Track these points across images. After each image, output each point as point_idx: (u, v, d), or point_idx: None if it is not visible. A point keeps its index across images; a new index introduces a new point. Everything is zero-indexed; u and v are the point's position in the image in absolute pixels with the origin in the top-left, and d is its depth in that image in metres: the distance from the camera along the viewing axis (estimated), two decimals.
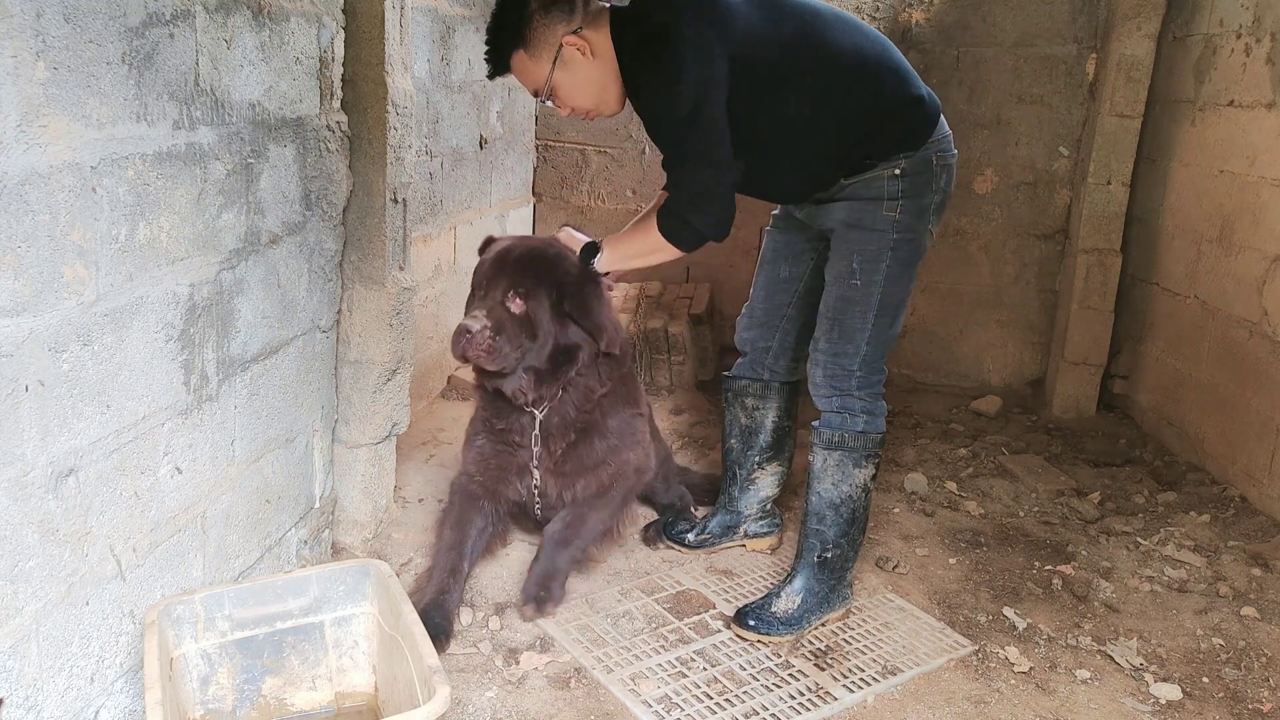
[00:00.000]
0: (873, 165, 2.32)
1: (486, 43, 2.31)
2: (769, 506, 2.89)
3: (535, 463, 2.61)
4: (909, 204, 2.34)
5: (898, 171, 2.32)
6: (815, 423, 2.50)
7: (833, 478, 2.46)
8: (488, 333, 2.41)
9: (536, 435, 2.59)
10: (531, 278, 2.47)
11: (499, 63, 2.31)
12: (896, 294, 2.39)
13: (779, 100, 2.25)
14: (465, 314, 2.52)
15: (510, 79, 2.36)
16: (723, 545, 2.88)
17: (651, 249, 2.38)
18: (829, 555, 2.49)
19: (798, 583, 2.49)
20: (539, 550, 2.63)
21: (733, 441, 2.84)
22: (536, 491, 2.66)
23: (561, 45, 2.24)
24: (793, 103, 2.26)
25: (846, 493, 2.46)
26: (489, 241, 2.65)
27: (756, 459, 2.82)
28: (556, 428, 2.60)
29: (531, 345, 2.48)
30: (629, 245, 2.46)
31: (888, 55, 2.34)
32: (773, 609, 2.46)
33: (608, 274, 2.53)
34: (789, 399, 2.76)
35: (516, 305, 2.46)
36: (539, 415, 2.57)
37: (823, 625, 2.52)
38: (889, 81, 2.31)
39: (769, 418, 2.78)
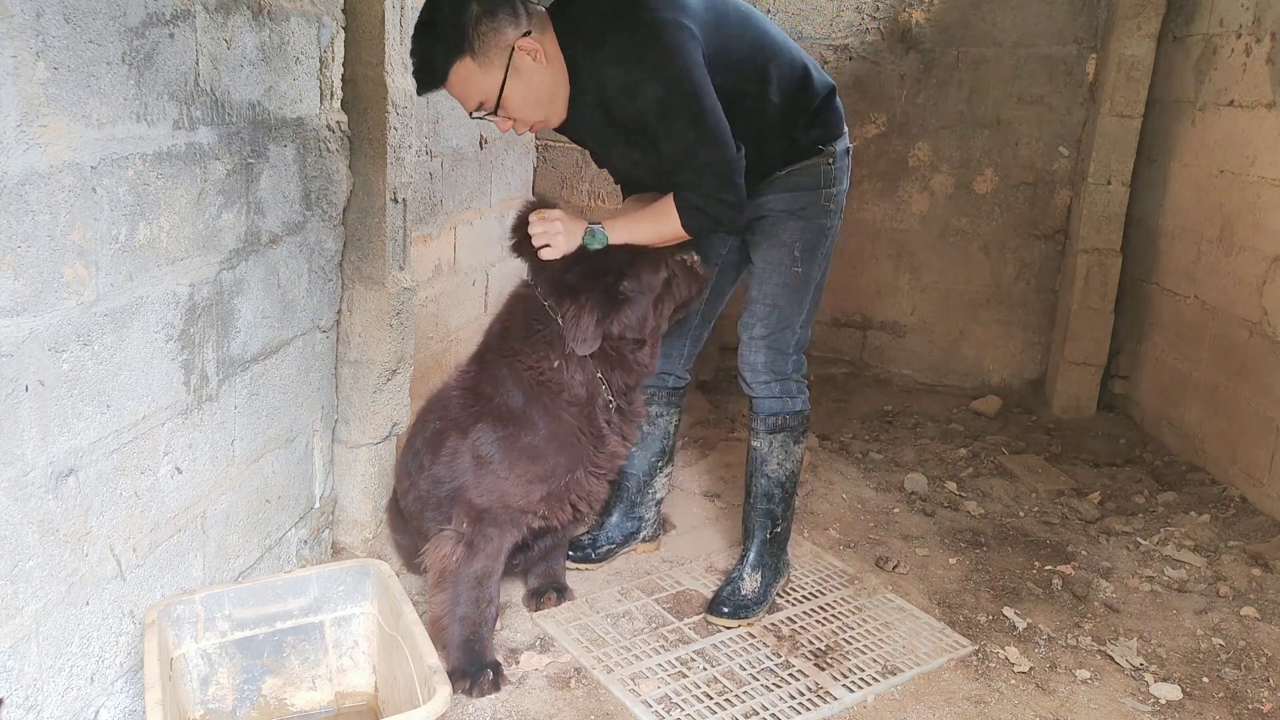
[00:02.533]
0: (817, 152, 2.39)
1: (418, 54, 2.10)
2: (659, 509, 2.92)
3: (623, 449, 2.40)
4: (836, 191, 2.44)
5: (830, 160, 2.40)
6: (754, 409, 2.57)
7: (778, 458, 2.57)
8: None
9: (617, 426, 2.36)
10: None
11: (434, 75, 2.10)
12: (823, 278, 2.52)
13: (744, 93, 2.22)
14: (679, 283, 2.34)
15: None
16: (623, 552, 2.87)
17: (666, 238, 2.25)
18: (779, 529, 2.63)
19: (755, 560, 2.60)
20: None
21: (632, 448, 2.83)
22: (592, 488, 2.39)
23: (514, 50, 2.07)
24: (754, 95, 2.25)
25: (790, 469, 2.60)
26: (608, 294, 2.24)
27: (657, 463, 2.84)
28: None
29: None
30: (639, 233, 2.25)
31: (797, 47, 2.41)
32: (743, 593, 2.55)
33: None
34: (681, 401, 2.82)
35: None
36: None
37: (778, 596, 2.66)
38: (814, 71, 2.39)
39: (671, 423, 2.81)
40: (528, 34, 2.09)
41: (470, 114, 2.19)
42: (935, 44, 4.49)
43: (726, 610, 2.52)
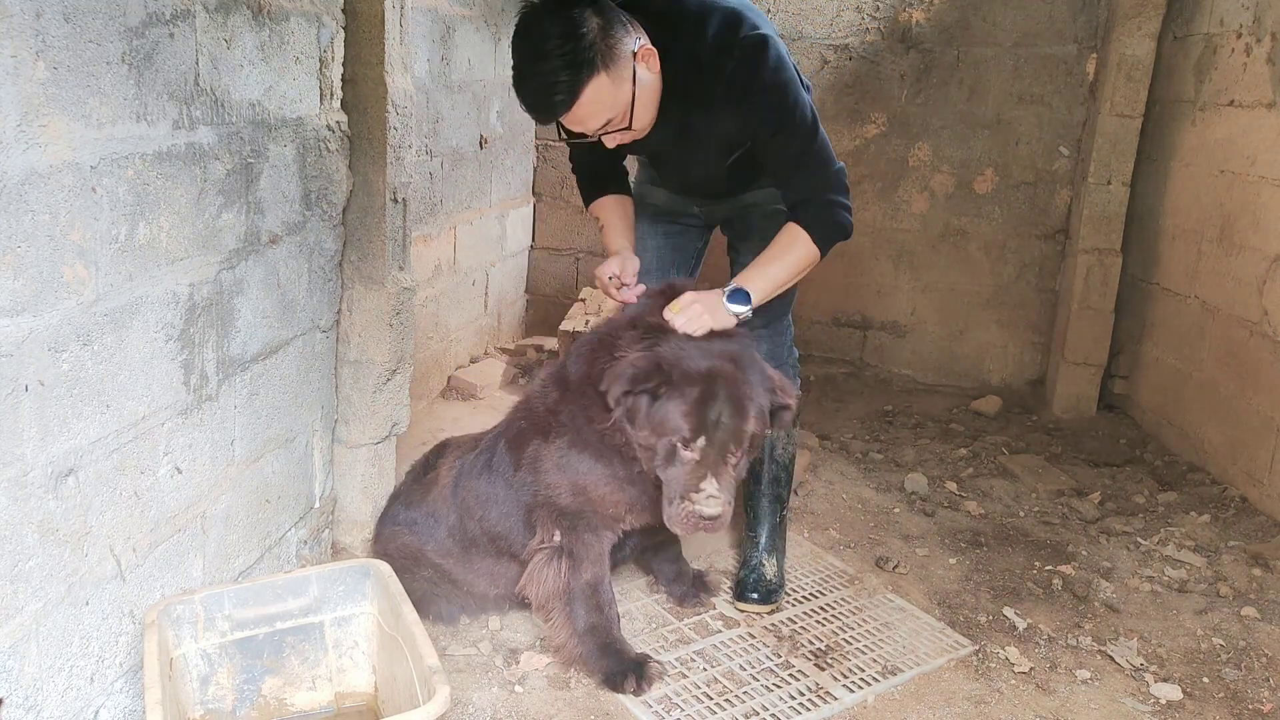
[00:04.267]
0: None
1: (540, 80, 2.00)
2: None
3: None
4: None
5: None
6: None
7: (783, 443, 2.69)
8: (729, 507, 2.00)
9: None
10: (751, 417, 2.03)
11: (566, 99, 2.00)
12: None
13: None
14: (675, 473, 2.02)
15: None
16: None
17: (803, 267, 2.26)
18: (785, 513, 2.74)
19: (767, 544, 2.67)
20: (663, 562, 2.63)
21: None
22: None
23: (635, 59, 2.06)
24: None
25: (792, 452, 2.73)
26: (653, 371, 2.03)
27: None
28: None
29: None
30: (776, 273, 2.23)
31: None
32: (767, 577, 2.61)
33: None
34: None
35: (737, 456, 2.05)
36: None
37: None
38: (801, 75, 2.43)
39: None
40: (638, 41, 2.08)
41: (592, 134, 2.12)
42: (935, 44, 4.48)
43: (756, 596, 2.57)
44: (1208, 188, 3.77)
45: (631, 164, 2.67)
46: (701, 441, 1.98)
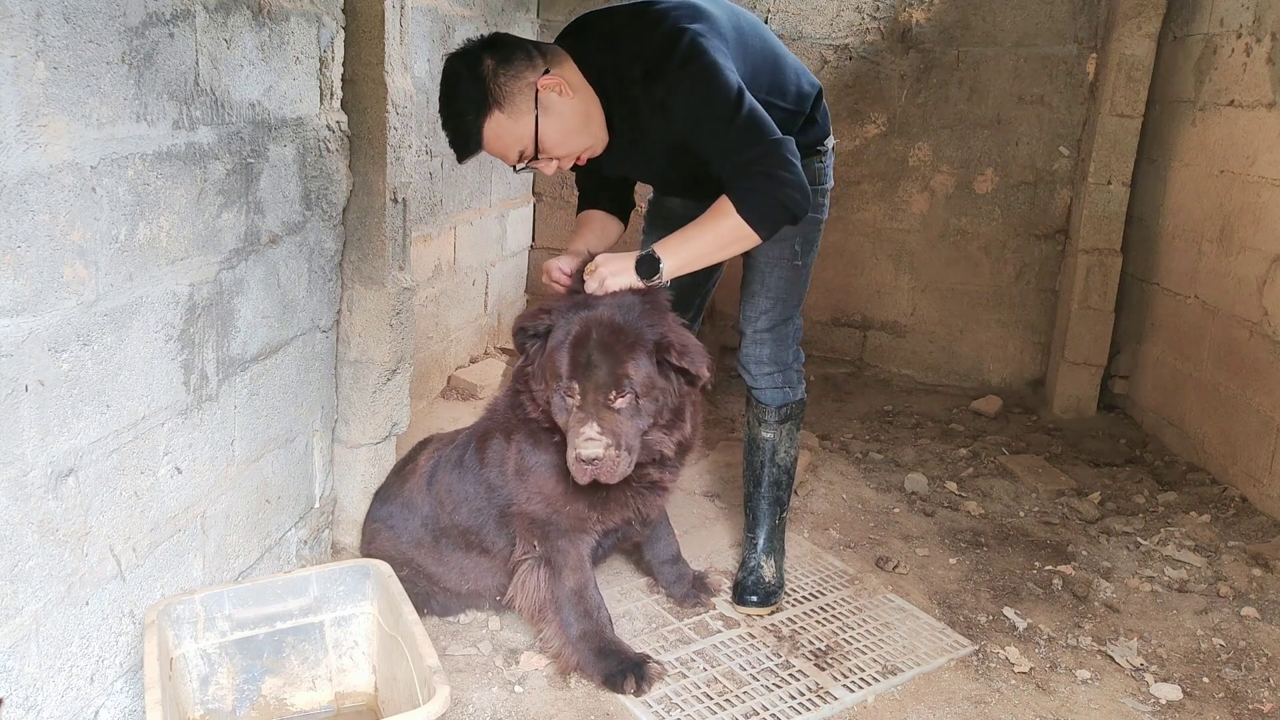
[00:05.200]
0: (814, 153, 2.45)
1: (448, 124, 2.13)
2: None
3: None
4: (827, 187, 2.55)
5: (821, 159, 2.49)
6: (760, 402, 2.62)
7: (785, 446, 2.66)
8: (614, 451, 2.02)
9: None
10: (627, 360, 2.05)
11: (469, 139, 2.12)
12: (812, 270, 2.61)
13: (764, 105, 2.23)
14: (565, 421, 2.08)
15: None
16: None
17: (728, 241, 2.15)
18: (784, 514, 2.73)
19: (766, 546, 2.67)
20: (662, 564, 2.64)
21: None
22: None
23: (538, 90, 2.10)
24: (765, 105, 2.24)
25: (794, 456, 2.71)
26: (541, 313, 2.18)
27: None
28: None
29: (649, 433, 2.14)
30: (696, 244, 2.16)
31: (790, 53, 2.48)
32: (766, 579, 2.61)
33: (668, 284, 2.21)
34: None
35: (622, 401, 2.06)
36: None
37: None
38: (805, 75, 2.46)
39: None
40: (546, 72, 2.12)
41: (514, 167, 2.21)
42: (935, 44, 4.48)
43: (755, 599, 2.57)
44: (1208, 188, 3.77)
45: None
46: (576, 385, 2.05)
